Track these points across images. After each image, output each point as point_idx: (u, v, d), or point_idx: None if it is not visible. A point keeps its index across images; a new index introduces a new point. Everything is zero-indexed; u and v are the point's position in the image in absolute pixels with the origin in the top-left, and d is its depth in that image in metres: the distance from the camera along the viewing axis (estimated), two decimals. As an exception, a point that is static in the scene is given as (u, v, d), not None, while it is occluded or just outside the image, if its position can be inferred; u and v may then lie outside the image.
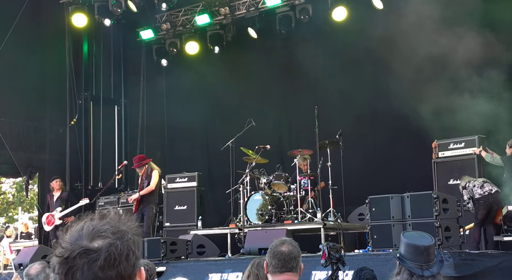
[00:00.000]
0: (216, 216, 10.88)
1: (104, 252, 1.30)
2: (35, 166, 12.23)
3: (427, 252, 2.81)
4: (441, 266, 2.83)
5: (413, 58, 9.32)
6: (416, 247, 2.81)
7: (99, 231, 1.33)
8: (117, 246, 1.32)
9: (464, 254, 6.07)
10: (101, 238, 1.32)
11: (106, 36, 13.55)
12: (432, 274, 2.76)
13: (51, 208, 10.81)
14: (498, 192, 7.94)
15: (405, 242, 2.88)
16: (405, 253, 2.84)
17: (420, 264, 2.77)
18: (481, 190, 7.89)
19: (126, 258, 1.33)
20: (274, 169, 9.70)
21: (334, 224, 8.80)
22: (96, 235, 1.33)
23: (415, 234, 3.07)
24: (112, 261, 1.30)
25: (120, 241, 1.33)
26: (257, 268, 3.62)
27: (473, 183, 7.99)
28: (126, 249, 1.33)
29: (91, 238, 1.32)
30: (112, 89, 13.80)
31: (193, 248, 8.53)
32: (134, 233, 1.37)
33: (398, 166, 10.30)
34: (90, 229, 1.34)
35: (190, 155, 12.93)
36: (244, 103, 12.24)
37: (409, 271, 2.79)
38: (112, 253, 1.31)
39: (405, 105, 10.70)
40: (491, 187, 7.90)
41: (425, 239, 2.91)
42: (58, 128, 12.56)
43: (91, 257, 1.30)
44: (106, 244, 1.31)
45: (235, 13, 12.49)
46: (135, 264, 1.35)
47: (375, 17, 10.92)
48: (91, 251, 1.30)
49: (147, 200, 9.46)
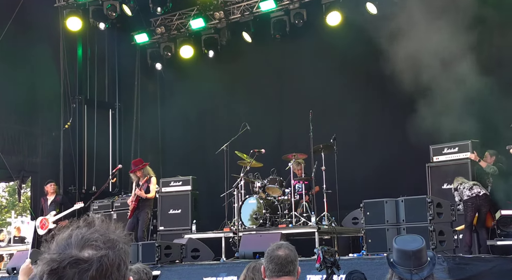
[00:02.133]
0: (211, 220, 10.86)
1: (96, 262, 1.27)
2: (28, 170, 12.17)
3: (415, 256, 2.81)
4: (432, 269, 2.83)
5: (407, 62, 9.37)
6: (405, 252, 2.82)
7: (88, 240, 1.29)
8: (109, 256, 1.29)
9: (458, 258, 6.10)
10: (91, 248, 1.28)
11: (100, 40, 13.53)
12: (421, 278, 2.77)
13: (45, 212, 10.77)
14: (487, 195, 7.99)
15: (395, 247, 2.90)
16: (395, 258, 2.86)
17: (409, 269, 2.78)
18: (470, 192, 7.97)
19: (118, 269, 1.30)
20: (269, 173, 9.72)
21: (328, 228, 8.82)
22: (86, 244, 1.29)
23: (407, 238, 3.08)
24: (104, 272, 1.27)
25: (112, 251, 1.30)
26: (253, 272, 3.62)
27: (463, 185, 8.08)
28: (118, 259, 1.30)
29: (80, 247, 1.28)
30: (106, 93, 13.78)
31: (188, 252, 8.52)
32: (124, 242, 1.35)
33: (392, 171, 10.33)
34: (79, 238, 1.29)
35: (185, 159, 12.91)
36: (238, 107, 12.25)
37: (398, 276, 2.81)
38: (105, 264, 1.27)
39: (399, 109, 10.77)
40: (480, 190, 7.97)
41: (415, 243, 2.91)
42: (51, 132, 12.51)
43: (81, 267, 1.26)
44: (98, 254, 1.28)
45: (229, 18, 12.51)
46: (126, 274, 1.33)
47: (369, 22, 10.97)
48: (81, 260, 1.26)
49: (143, 205, 9.52)
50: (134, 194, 9.52)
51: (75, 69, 13.05)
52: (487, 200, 7.98)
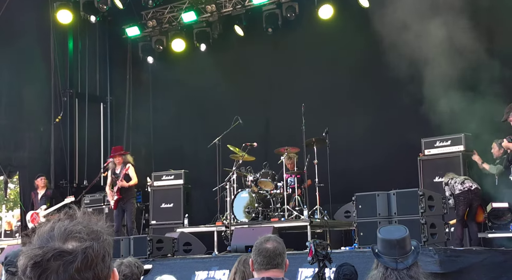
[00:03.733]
0: (203, 214, 10.85)
1: (81, 254, 1.26)
2: (15, 165, 12.05)
3: (399, 245, 2.83)
4: (416, 257, 2.85)
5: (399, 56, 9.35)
6: (389, 241, 2.85)
7: (72, 232, 1.28)
8: (94, 247, 1.28)
9: (449, 251, 6.11)
10: (75, 239, 1.27)
11: (91, 33, 13.43)
12: (406, 266, 2.80)
13: (36, 206, 10.71)
14: (478, 189, 8.01)
15: (379, 237, 2.93)
16: (380, 247, 2.89)
17: (394, 258, 2.80)
18: (461, 186, 7.99)
19: (103, 260, 1.30)
20: (261, 166, 9.70)
21: (320, 221, 8.82)
22: (69, 236, 1.28)
23: (391, 228, 3.13)
24: (89, 263, 1.27)
25: (97, 243, 1.29)
26: (243, 265, 3.62)
27: (454, 180, 8.09)
28: (103, 250, 1.30)
29: (64, 239, 1.27)
30: (97, 87, 13.69)
31: (180, 246, 8.50)
32: (108, 233, 1.34)
33: (384, 164, 10.34)
34: (62, 230, 1.28)
35: (177, 153, 12.87)
36: (230, 101, 12.21)
37: (384, 265, 2.82)
38: (90, 255, 1.27)
39: (391, 103, 10.77)
40: (471, 184, 7.99)
41: (399, 232, 2.94)
42: (39, 126, 12.39)
43: (66, 259, 1.25)
44: (82, 246, 1.27)
45: (221, 11, 12.46)
46: (110, 265, 1.33)
47: (362, 15, 10.95)
48: (65, 252, 1.25)
49: (126, 195, 9.49)
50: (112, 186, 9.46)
51: (66, 62, 12.95)
52: (478, 194, 8.00)
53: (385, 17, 9.04)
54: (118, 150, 9.82)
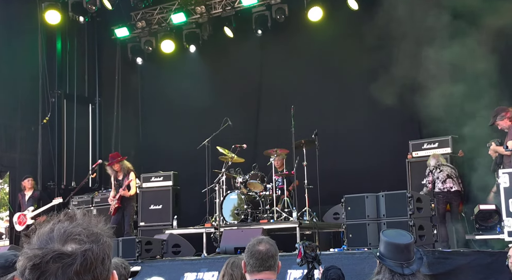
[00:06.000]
0: (192, 215, 10.82)
1: (80, 256, 1.24)
2: (6, 165, 11.97)
3: (407, 250, 2.82)
4: (421, 264, 2.85)
5: (390, 57, 9.41)
6: (397, 246, 2.82)
7: (71, 234, 1.27)
8: (93, 250, 1.26)
9: (437, 253, 6.15)
10: (75, 242, 1.26)
11: (80, 34, 13.37)
12: (412, 272, 2.79)
13: (23, 208, 10.62)
14: (459, 192, 8.05)
15: (385, 240, 2.89)
16: (385, 251, 2.85)
17: (400, 263, 2.78)
18: (442, 186, 8.04)
19: (102, 262, 1.28)
20: (250, 168, 9.71)
21: (309, 223, 8.84)
22: (69, 238, 1.26)
23: (394, 233, 3.09)
24: (88, 266, 1.25)
25: (96, 245, 1.27)
26: (231, 268, 3.61)
27: (437, 174, 8.09)
28: (102, 253, 1.28)
29: (63, 241, 1.25)
30: (86, 88, 13.62)
31: (169, 248, 8.48)
32: (108, 235, 1.33)
33: (373, 166, 10.39)
34: (62, 232, 1.27)
35: (166, 154, 12.83)
36: (220, 102, 12.20)
37: (390, 270, 2.80)
38: (89, 258, 1.25)
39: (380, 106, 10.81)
40: (452, 185, 8.02)
41: (405, 237, 2.93)
42: (30, 126, 12.33)
43: (65, 261, 1.23)
44: (82, 248, 1.25)
45: (211, 12, 12.45)
46: (109, 268, 1.31)
47: (351, 17, 11.01)
48: (65, 255, 1.24)
49: (127, 202, 9.47)
50: (115, 195, 9.46)
51: (54, 63, 12.87)
52: (458, 195, 8.07)
53: (374, 18, 9.08)
54: (115, 157, 9.72)
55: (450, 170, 8.18)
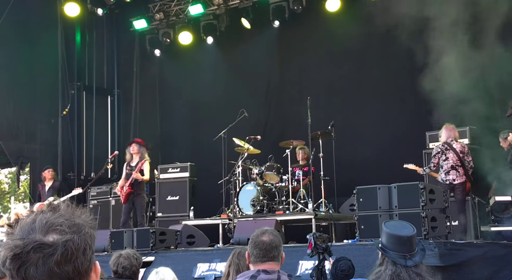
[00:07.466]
0: (209, 206, 10.88)
1: (61, 247, 1.25)
2: (26, 156, 12.18)
3: (409, 242, 2.80)
4: (423, 255, 2.82)
5: (404, 49, 9.30)
6: (399, 237, 2.80)
7: (53, 225, 1.27)
8: (74, 241, 1.27)
9: (450, 244, 6.09)
10: (56, 232, 1.27)
11: (99, 26, 13.48)
12: (415, 263, 2.76)
13: (43, 198, 10.80)
14: (461, 184, 7.87)
15: (387, 232, 2.86)
16: (387, 243, 2.83)
17: (403, 254, 2.76)
18: (445, 177, 7.87)
19: (83, 253, 1.29)
20: (266, 159, 9.71)
21: (325, 214, 8.82)
22: (50, 229, 1.27)
23: (397, 224, 3.06)
24: (69, 256, 1.26)
25: (78, 236, 1.28)
26: (238, 258, 3.65)
27: (442, 163, 7.90)
28: (84, 243, 1.29)
29: (45, 232, 1.26)
30: (105, 79, 13.75)
31: (183, 238, 8.54)
32: (90, 226, 1.33)
33: (389, 157, 10.30)
34: (43, 222, 1.27)
35: (183, 146, 12.91)
36: (236, 93, 12.21)
37: (392, 261, 2.79)
38: (70, 248, 1.26)
39: (396, 96, 10.72)
40: (455, 177, 7.84)
41: (407, 229, 2.90)
42: (50, 118, 12.51)
43: (46, 252, 1.24)
44: (63, 239, 1.26)
45: (228, 3, 12.43)
46: (91, 258, 1.32)
47: (369, 7, 10.88)
48: (45, 245, 1.24)
49: (137, 188, 9.45)
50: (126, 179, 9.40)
51: (74, 55, 13.02)
52: (461, 189, 7.85)
53: (392, 8, 8.97)
54: (139, 141, 9.76)
55: (456, 158, 7.93)
